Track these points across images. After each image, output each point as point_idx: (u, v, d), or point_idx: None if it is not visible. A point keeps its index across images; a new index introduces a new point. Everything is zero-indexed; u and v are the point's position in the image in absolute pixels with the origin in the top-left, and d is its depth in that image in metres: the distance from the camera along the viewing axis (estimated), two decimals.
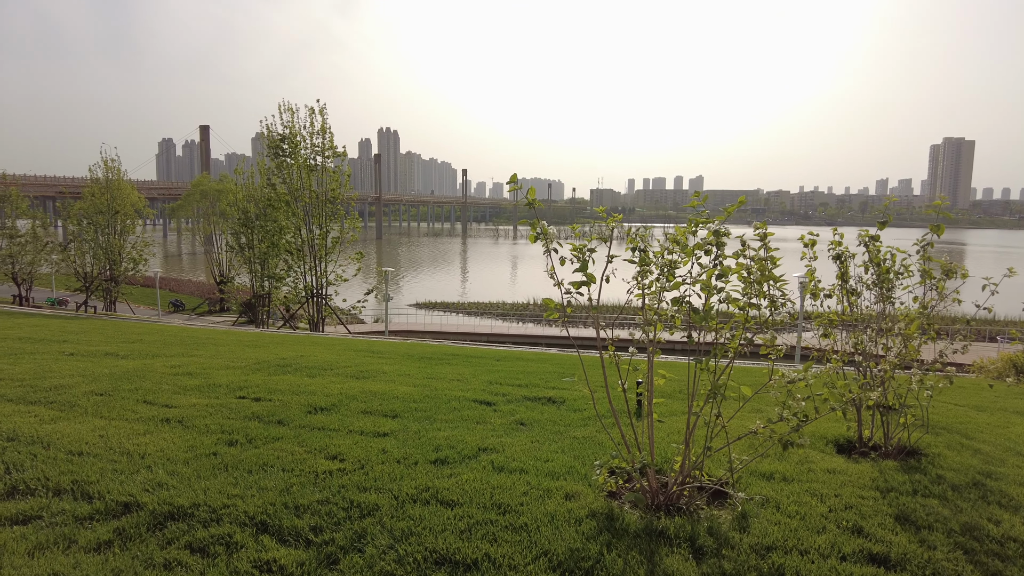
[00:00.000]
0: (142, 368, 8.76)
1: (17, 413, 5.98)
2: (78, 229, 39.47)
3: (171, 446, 5.09)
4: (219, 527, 3.70)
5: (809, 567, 3.33)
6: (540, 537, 3.57)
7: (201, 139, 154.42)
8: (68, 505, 4.00)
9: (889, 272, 5.77)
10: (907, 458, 5.44)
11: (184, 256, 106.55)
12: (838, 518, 3.96)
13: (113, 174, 41.47)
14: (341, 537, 3.58)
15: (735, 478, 4.38)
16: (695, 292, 3.87)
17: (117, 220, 39.43)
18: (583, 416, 6.49)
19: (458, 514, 3.85)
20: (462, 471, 4.58)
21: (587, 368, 4.64)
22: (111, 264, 40.63)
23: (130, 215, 41.28)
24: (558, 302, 4.18)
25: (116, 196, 40.04)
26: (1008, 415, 8.21)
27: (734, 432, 4.33)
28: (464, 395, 7.41)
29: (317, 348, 12.85)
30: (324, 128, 33.30)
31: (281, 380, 8.13)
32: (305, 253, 33.49)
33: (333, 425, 5.82)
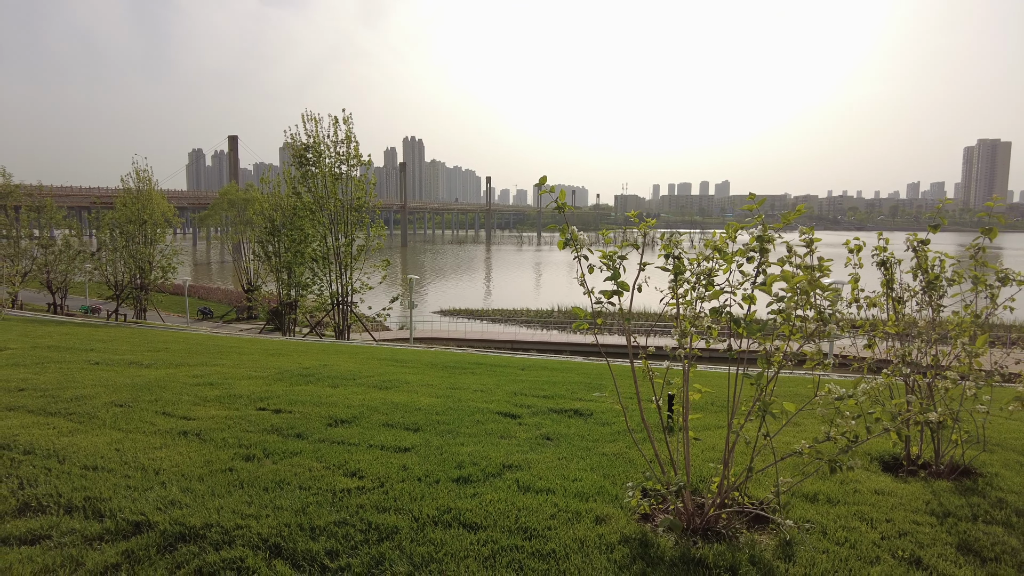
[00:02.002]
0: (164, 378, 8.69)
1: (36, 425, 5.90)
2: (108, 238, 40.17)
3: (187, 461, 4.95)
4: (231, 550, 3.52)
5: None
6: (569, 565, 3.32)
7: (230, 149, 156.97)
8: (79, 524, 3.85)
9: (939, 279, 5.45)
10: (960, 478, 5.09)
11: (212, 264, 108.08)
12: (892, 547, 3.65)
13: (144, 184, 42.24)
14: (358, 563, 3.37)
15: (779, 501, 4.08)
16: (737, 302, 3.61)
17: (147, 229, 40.03)
18: (612, 430, 6.23)
19: (481, 539, 3.62)
20: (486, 491, 4.35)
21: (617, 379, 4.38)
22: (141, 272, 41.29)
23: (160, 224, 41.98)
24: (588, 311, 3.95)
25: (146, 205, 40.75)
26: None
27: (777, 451, 4.04)
28: (488, 407, 7.19)
29: (340, 357, 12.74)
30: (349, 137, 33.47)
31: (303, 390, 7.99)
32: (331, 261, 33.63)
33: (353, 439, 5.63)
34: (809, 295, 3.39)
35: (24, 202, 38.38)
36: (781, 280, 3.43)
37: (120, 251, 39.57)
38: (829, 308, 3.53)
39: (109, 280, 40.95)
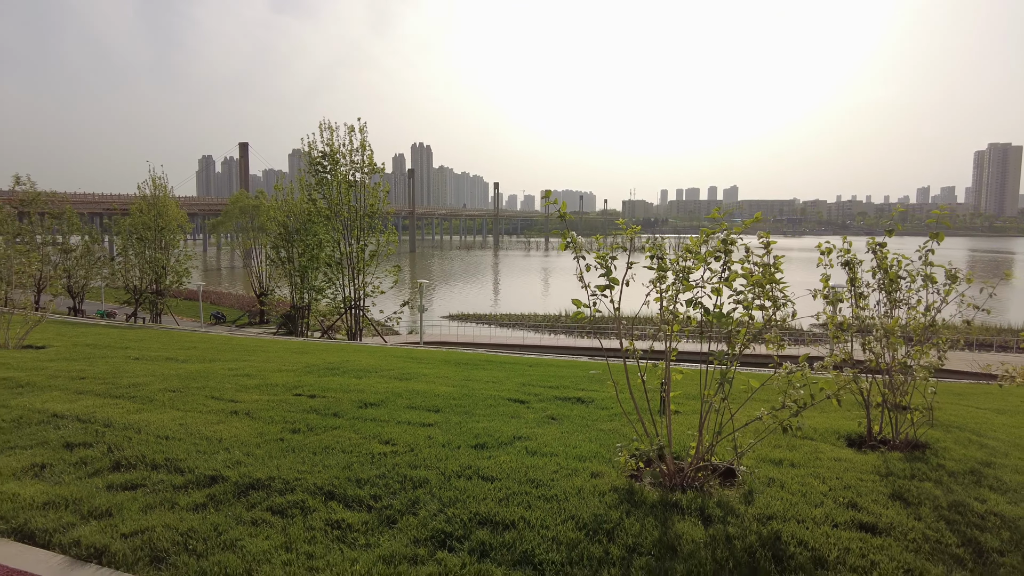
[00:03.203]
0: (203, 371, 9.55)
1: (106, 405, 6.76)
2: (127, 244, 41.28)
3: (242, 433, 5.78)
4: (293, 495, 4.34)
5: (803, 532, 3.82)
6: (568, 505, 4.12)
7: (240, 156, 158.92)
8: (165, 477, 4.69)
9: (897, 277, 6.20)
10: (912, 451, 5.83)
11: (223, 270, 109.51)
12: (836, 495, 4.43)
13: (160, 191, 43.38)
14: (398, 503, 4.19)
15: (741, 458, 4.85)
16: (707, 295, 4.41)
17: (164, 235, 41.13)
18: (609, 413, 7.01)
19: (497, 487, 4.43)
20: (499, 454, 5.16)
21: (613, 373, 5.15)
22: (157, 277, 42.38)
23: (175, 230, 43.10)
24: (585, 303, 4.75)
25: (162, 212, 41.88)
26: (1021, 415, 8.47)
27: (741, 421, 4.81)
28: (499, 394, 7.99)
29: (360, 354, 13.58)
30: (364, 145, 34.43)
31: (331, 381, 8.82)
32: (344, 266, 34.56)
33: (382, 417, 6.45)
34: (765, 287, 4.19)
35: (47, 209, 39.56)
36: (743, 276, 4.22)
37: (139, 256, 40.66)
38: (783, 299, 4.32)
39: (128, 285, 42.01)
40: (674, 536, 3.73)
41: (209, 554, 3.58)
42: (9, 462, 5.01)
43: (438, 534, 3.77)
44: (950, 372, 20.82)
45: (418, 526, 3.87)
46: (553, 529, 3.79)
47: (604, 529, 3.80)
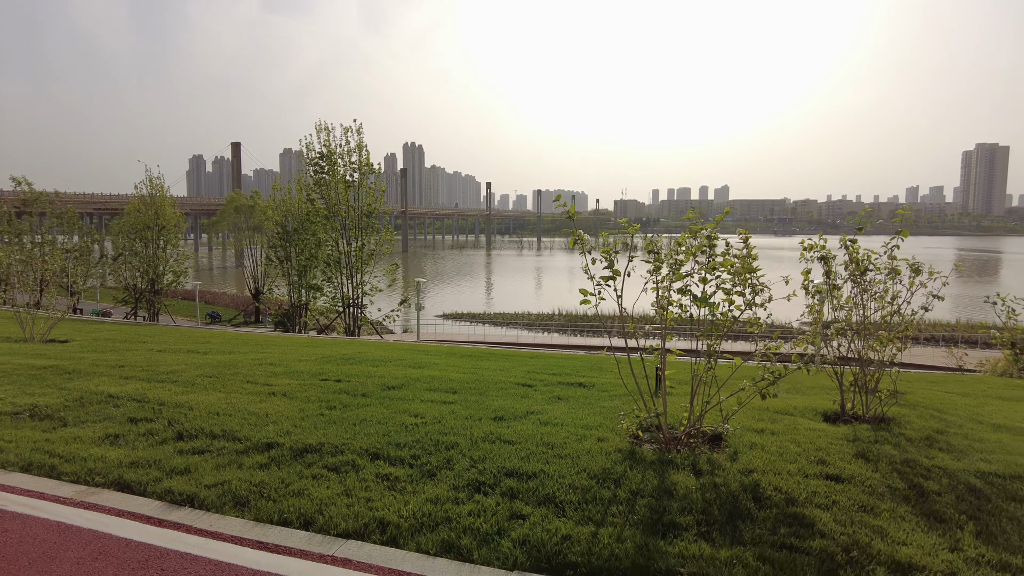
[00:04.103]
0: (229, 361, 10.22)
1: (154, 388, 7.44)
2: (128, 243, 41.74)
3: (285, 409, 6.48)
4: (343, 456, 5.05)
5: (779, 481, 4.56)
6: (579, 461, 4.85)
7: (232, 156, 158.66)
8: (226, 444, 5.39)
9: (866, 270, 6.96)
10: (880, 423, 6.60)
11: (215, 270, 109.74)
12: (808, 455, 5.17)
13: (157, 191, 43.85)
14: (435, 460, 4.91)
15: (727, 424, 5.59)
16: (695, 283, 5.15)
17: (163, 235, 41.63)
18: (610, 395, 7.74)
19: (518, 448, 5.15)
20: (516, 424, 5.89)
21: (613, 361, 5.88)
22: (155, 277, 42.87)
23: (173, 230, 43.61)
24: (591, 292, 5.47)
25: (159, 212, 42.37)
26: (988, 399, 9.26)
27: (726, 394, 5.55)
28: (508, 380, 8.71)
29: (368, 347, 14.27)
30: (360, 146, 35.08)
31: (351, 368, 9.51)
32: (342, 265, 35.19)
33: (406, 397, 7.17)
34: (743, 275, 4.93)
35: (47, 209, 39.98)
36: (724, 267, 4.97)
37: (139, 255, 41.14)
38: (760, 286, 5.07)
39: (128, 284, 42.47)
40: (670, 484, 4.46)
41: (282, 499, 4.28)
42: (86, 432, 5.70)
43: (472, 483, 4.49)
44: (930, 366, 21.70)
45: (454, 477, 4.59)
46: (569, 478, 4.52)
47: (611, 478, 4.54)
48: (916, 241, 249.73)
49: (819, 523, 3.92)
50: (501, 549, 3.62)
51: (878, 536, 3.78)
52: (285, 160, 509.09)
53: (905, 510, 4.17)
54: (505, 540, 3.71)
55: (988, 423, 6.94)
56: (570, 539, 3.68)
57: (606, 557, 3.50)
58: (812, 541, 3.69)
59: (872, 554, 3.57)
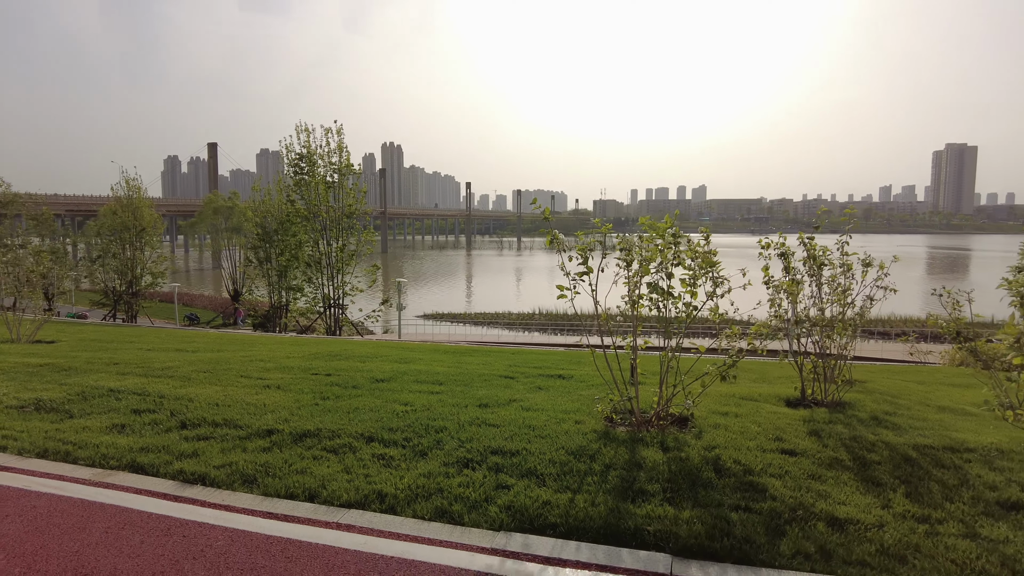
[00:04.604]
0: (219, 358, 10.54)
1: (152, 383, 7.77)
2: (107, 244, 41.48)
3: (281, 400, 6.86)
4: (340, 440, 5.45)
5: (737, 455, 5.05)
6: (558, 440, 5.31)
7: (209, 156, 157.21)
8: (228, 431, 5.76)
9: (822, 265, 7.50)
10: (836, 407, 7.14)
11: (192, 272, 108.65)
12: (767, 434, 5.68)
13: (134, 192, 43.61)
14: (425, 442, 5.33)
15: (693, 406, 6.08)
16: (662, 277, 5.64)
17: (145, 236, 41.48)
18: (587, 385, 8.21)
19: (502, 431, 5.59)
20: (500, 410, 6.33)
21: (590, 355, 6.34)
22: (134, 279, 42.63)
23: (152, 232, 43.39)
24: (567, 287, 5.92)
25: (136, 214, 42.15)
26: (940, 386, 9.90)
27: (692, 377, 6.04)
28: (491, 373, 9.15)
29: (353, 345, 14.62)
30: (340, 147, 35.32)
31: (339, 364, 9.89)
32: (323, 265, 35.37)
33: (395, 388, 7.57)
34: (704, 269, 5.43)
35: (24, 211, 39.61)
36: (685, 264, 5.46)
37: (117, 257, 40.93)
38: (720, 279, 5.57)
39: (106, 286, 42.19)
40: (640, 458, 4.93)
41: (287, 476, 4.68)
42: (93, 423, 6.03)
43: (461, 460, 4.93)
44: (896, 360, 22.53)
45: (444, 456, 5.02)
46: (549, 454, 4.97)
47: (587, 454, 5.00)
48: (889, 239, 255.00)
49: (771, 489, 4.41)
50: (489, 513, 4.06)
51: (822, 498, 4.28)
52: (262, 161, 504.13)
53: (848, 477, 4.69)
54: (492, 506, 4.15)
55: (934, 405, 7.52)
56: (550, 504, 4.13)
57: (582, 518, 3.96)
58: (764, 503, 4.18)
59: (815, 512, 4.06)
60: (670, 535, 3.77)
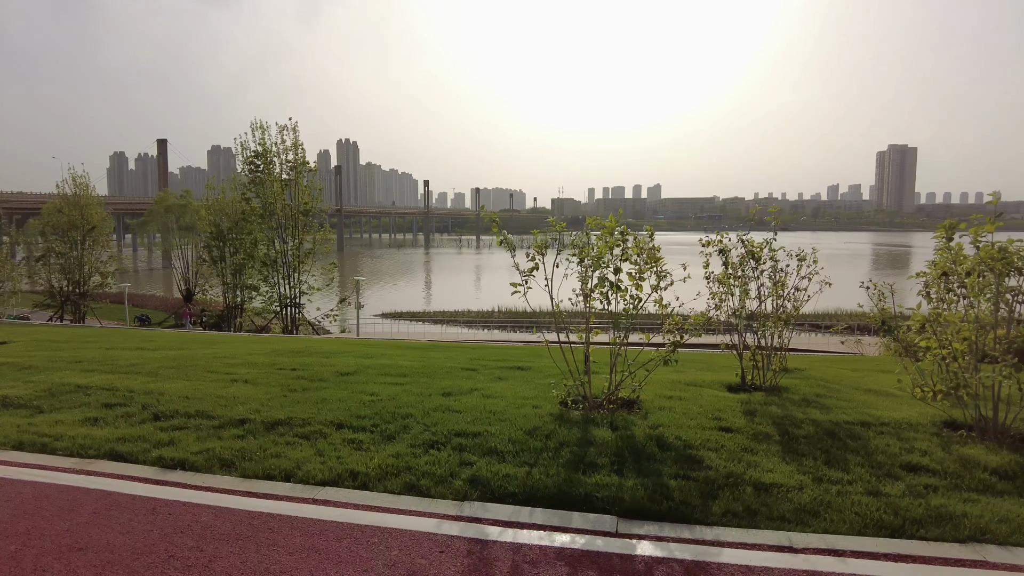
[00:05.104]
0: (184, 355, 10.65)
1: (120, 379, 7.92)
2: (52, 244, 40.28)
3: (251, 393, 7.12)
4: (311, 427, 5.77)
5: (679, 432, 5.56)
6: (517, 423, 5.74)
7: (158, 153, 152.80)
8: (202, 422, 6.02)
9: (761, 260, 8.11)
10: (773, 391, 7.75)
11: (142, 272, 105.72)
12: (707, 414, 6.21)
13: (82, 190, 42.44)
14: (393, 427, 5.70)
15: (639, 390, 6.58)
16: (611, 272, 6.12)
17: (95, 235, 40.45)
18: (545, 375, 8.66)
19: (465, 416, 6.00)
20: (463, 398, 6.73)
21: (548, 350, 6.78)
22: (82, 279, 41.50)
23: (102, 231, 42.29)
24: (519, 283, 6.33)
25: (84, 212, 41.03)
26: (873, 372, 10.66)
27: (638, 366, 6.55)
28: (454, 365, 9.53)
29: (316, 343, 14.80)
30: (296, 144, 35.12)
31: (304, 359, 10.12)
32: (279, 264, 35.11)
33: (361, 381, 7.89)
34: (649, 264, 5.93)
35: None
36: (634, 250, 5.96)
37: (65, 256, 39.81)
38: (665, 274, 6.08)
39: (53, 288, 40.98)
40: (591, 436, 5.40)
41: (263, 460, 4.99)
42: (66, 417, 6.21)
43: (427, 442, 5.31)
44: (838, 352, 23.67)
45: (411, 439, 5.40)
46: (508, 435, 5.40)
47: (543, 433, 5.44)
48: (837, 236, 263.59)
49: (708, 460, 4.92)
50: (454, 486, 4.47)
51: (751, 468, 4.81)
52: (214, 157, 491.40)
53: (776, 449, 5.24)
54: (457, 480, 4.55)
55: (862, 389, 8.21)
56: (509, 476, 4.56)
57: (538, 487, 4.40)
58: (700, 472, 4.69)
59: (744, 479, 4.59)
60: (616, 500, 4.24)
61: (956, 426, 5.88)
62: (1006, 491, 4.41)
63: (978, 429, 5.67)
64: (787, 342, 8.36)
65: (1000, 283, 5.66)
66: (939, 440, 5.47)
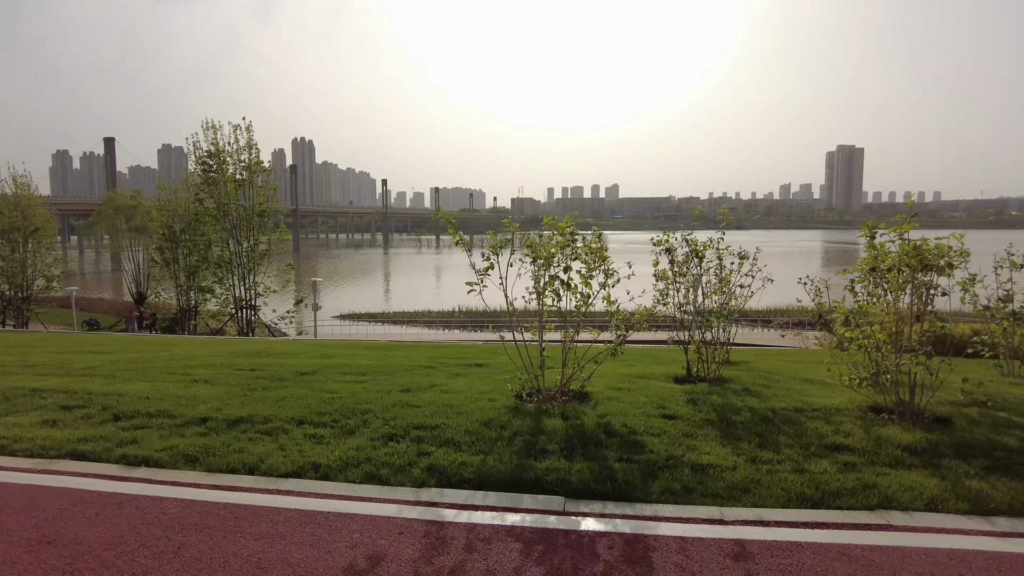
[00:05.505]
0: (141, 357, 10.61)
1: (77, 381, 7.91)
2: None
3: (212, 393, 7.22)
4: (273, 424, 5.94)
5: (625, 420, 5.91)
6: (473, 415, 6.01)
7: (106, 152, 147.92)
8: (164, 421, 6.13)
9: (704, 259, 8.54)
10: (716, 382, 8.19)
11: (88, 274, 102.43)
12: (652, 403, 6.59)
13: (24, 190, 41.05)
14: (353, 422, 5.91)
15: (589, 382, 6.93)
16: (561, 270, 6.45)
17: (35, 237, 39.16)
18: (502, 371, 8.93)
19: (423, 410, 6.24)
20: (422, 394, 6.97)
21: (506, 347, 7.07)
22: (25, 282, 40.14)
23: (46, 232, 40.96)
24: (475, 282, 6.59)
25: (27, 213, 39.71)
26: (813, 364, 11.24)
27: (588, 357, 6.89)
28: (413, 364, 9.74)
29: (273, 344, 14.80)
30: (250, 144, 34.66)
31: (262, 360, 10.20)
32: (234, 266, 34.62)
33: (320, 380, 8.05)
34: (597, 262, 6.27)
35: None
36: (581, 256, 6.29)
37: (6, 259, 38.46)
38: (613, 272, 6.43)
39: None
40: (543, 426, 5.71)
41: (227, 455, 5.16)
42: (24, 420, 6.24)
43: (387, 435, 5.55)
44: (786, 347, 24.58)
45: (371, 432, 5.63)
46: (465, 427, 5.67)
47: (498, 424, 5.73)
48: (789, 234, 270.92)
49: (650, 445, 5.28)
50: (412, 474, 4.72)
51: (690, 451, 5.18)
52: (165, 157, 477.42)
53: (714, 434, 5.63)
54: (415, 469, 4.81)
55: (801, 379, 8.72)
56: (465, 464, 4.83)
57: (492, 473, 4.69)
58: (643, 455, 5.04)
59: (683, 461, 4.95)
60: (564, 482, 4.56)
61: (879, 410, 6.38)
62: (914, 465, 4.88)
63: (897, 412, 6.18)
64: (732, 336, 8.84)
65: (916, 278, 6.18)
66: (862, 423, 5.95)
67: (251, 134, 34.60)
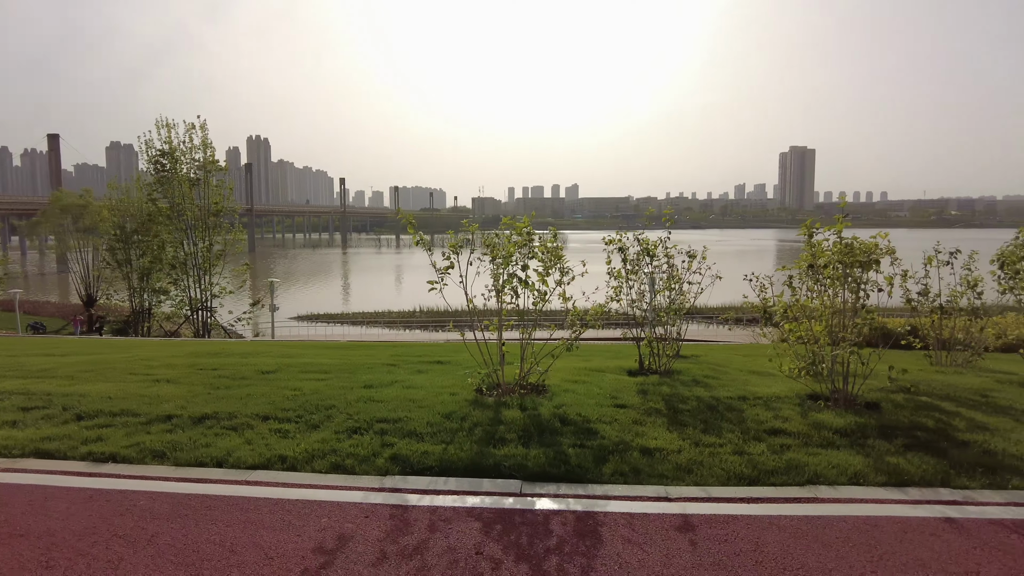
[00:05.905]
0: (100, 359, 10.52)
1: (33, 383, 7.86)
2: None
3: (175, 392, 7.29)
4: (238, 420, 6.08)
5: (580, 410, 6.23)
6: (435, 408, 6.26)
7: (50, 149, 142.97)
8: (128, 419, 6.21)
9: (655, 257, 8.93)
10: (666, 374, 8.59)
11: (32, 276, 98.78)
12: (605, 394, 6.93)
13: None
14: (317, 417, 6.09)
15: (546, 375, 7.24)
16: (519, 269, 6.73)
17: None
18: (465, 367, 9.17)
19: (386, 405, 6.46)
20: (384, 390, 7.18)
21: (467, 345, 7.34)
22: None
23: None
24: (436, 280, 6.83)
25: None
26: (761, 357, 11.76)
27: (545, 352, 7.19)
28: (375, 362, 9.91)
29: (232, 345, 14.75)
30: (205, 143, 34.14)
31: (223, 360, 10.24)
32: (189, 267, 34.04)
33: (283, 378, 8.18)
34: (553, 261, 6.58)
35: None
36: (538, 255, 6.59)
37: None
38: (569, 269, 6.74)
39: None
40: (502, 416, 5.99)
41: (194, 450, 5.29)
42: None
43: (351, 429, 5.75)
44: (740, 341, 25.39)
45: (335, 426, 5.82)
46: (427, 419, 5.91)
47: (458, 416, 5.99)
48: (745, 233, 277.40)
49: (602, 432, 5.61)
50: (376, 464, 4.95)
51: (639, 436, 5.53)
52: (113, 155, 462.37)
53: (662, 421, 5.99)
54: (379, 459, 5.03)
55: (747, 371, 9.19)
56: (427, 453, 5.08)
57: (453, 461, 4.94)
58: (595, 441, 5.36)
59: (633, 445, 5.29)
60: (521, 467, 4.84)
61: (816, 397, 6.85)
62: (843, 445, 5.32)
63: (832, 399, 6.65)
64: (684, 332, 9.25)
65: (850, 273, 6.66)
66: (800, 409, 6.39)
67: (206, 133, 34.13)
